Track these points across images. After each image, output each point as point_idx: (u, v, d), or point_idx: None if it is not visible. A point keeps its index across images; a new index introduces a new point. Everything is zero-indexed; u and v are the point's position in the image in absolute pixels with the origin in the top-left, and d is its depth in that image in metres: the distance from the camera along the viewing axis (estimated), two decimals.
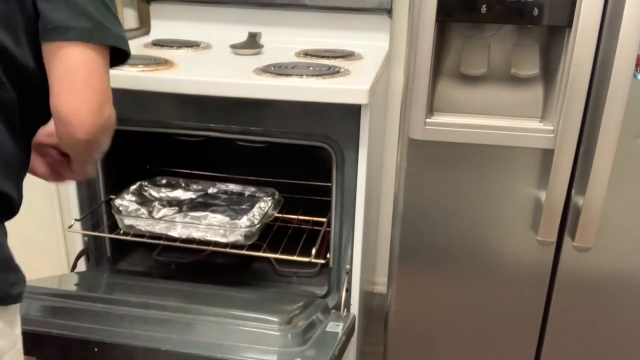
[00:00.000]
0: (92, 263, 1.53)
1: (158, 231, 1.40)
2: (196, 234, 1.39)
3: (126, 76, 1.27)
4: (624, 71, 1.03)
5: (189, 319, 1.17)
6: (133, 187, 1.52)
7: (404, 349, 1.38)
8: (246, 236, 1.38)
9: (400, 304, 1.34)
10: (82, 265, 1.52)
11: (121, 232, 1.47)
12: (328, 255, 1.42)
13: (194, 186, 1.63)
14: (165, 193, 1.59)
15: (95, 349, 1.13)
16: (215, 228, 1.39)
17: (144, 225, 1.41)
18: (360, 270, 1.39)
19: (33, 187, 0.92)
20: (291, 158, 1.67)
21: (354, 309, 1.40)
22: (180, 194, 1.60)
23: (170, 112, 1.33)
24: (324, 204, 1.47)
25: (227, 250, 1.40)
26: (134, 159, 1.61)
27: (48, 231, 1.56)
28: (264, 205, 1.48)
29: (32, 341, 1.14)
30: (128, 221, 1.41)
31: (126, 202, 1.46)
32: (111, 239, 1.51)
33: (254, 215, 1.44)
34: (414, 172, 1.21)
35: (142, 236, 1.45)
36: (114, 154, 1.45)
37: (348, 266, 1.38)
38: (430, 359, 1.38)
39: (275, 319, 1.17)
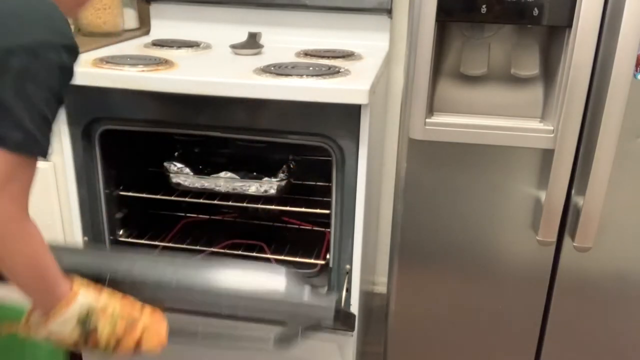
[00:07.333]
0: None
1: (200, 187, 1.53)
2: (238, 184, 1.51)
3: (126, 76, 1.27)
4: (624, 71, 1.03)
5: (198, 261, 1.16)
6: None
7: (404, 349, 1.38)
8: (278, 189, 1.51)
9: (400, 304, 1.34)
10: None
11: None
12: (328, 256, 1.42)
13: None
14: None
15: (107, 281, 1.04)
16: (251, 181, 1.51)
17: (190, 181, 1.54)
18: (360, 270, 1.39)
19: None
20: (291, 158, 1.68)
21: (354, 309, 1.40)
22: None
23: (170, 112, 1.33)
24: (324, 204, 1.47)
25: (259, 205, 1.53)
26: (134, 159, 1.61)
27: (48, 231, 1.56)
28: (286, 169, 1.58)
29: None
30: (176, 179, 1.54)
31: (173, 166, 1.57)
32: (111, 240, 1.51)
33: (283, 171, 1.55)
34: (414, 172, 1.21)
35: (143, 236, 1.44)
36: (114, 154, 1.46)
37: (348, 266, 1.38)
38: (430, 359, 1.38)
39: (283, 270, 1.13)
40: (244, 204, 1.54)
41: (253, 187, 1.51)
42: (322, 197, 1.55)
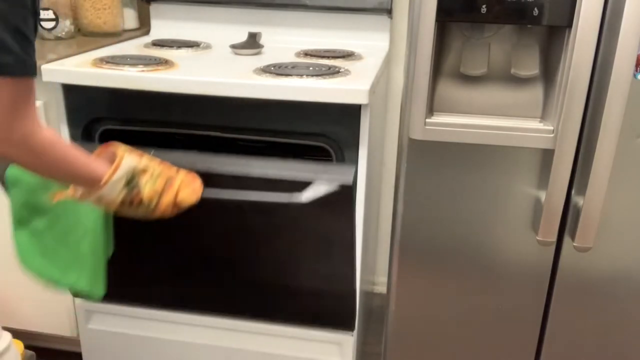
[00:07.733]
0: None
1: None
2: None
3: (126, 76, 1.28)
4: (624, 71, 1.03)
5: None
6: None
7: (404, 349, 1.38)
8: None
9: (400, 304, 1.34)
10: None
11: None
12: None
13: None
14: None
15: (152, 152, 1.11)
16: None
17: None
18: (360, 270, 1.39)
19: None
20: (291, 158, 1.67)
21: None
22: None
23: (170, 112, 1.33)
24: None
25: None
26: None
27: None
28: None
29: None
30: None
31: None
32: None
33: None
34: (414, 172, 1.21)
35: None
36: None
37: None
38: (430, 359, 1.38)
39: None
40: None
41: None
42: None
